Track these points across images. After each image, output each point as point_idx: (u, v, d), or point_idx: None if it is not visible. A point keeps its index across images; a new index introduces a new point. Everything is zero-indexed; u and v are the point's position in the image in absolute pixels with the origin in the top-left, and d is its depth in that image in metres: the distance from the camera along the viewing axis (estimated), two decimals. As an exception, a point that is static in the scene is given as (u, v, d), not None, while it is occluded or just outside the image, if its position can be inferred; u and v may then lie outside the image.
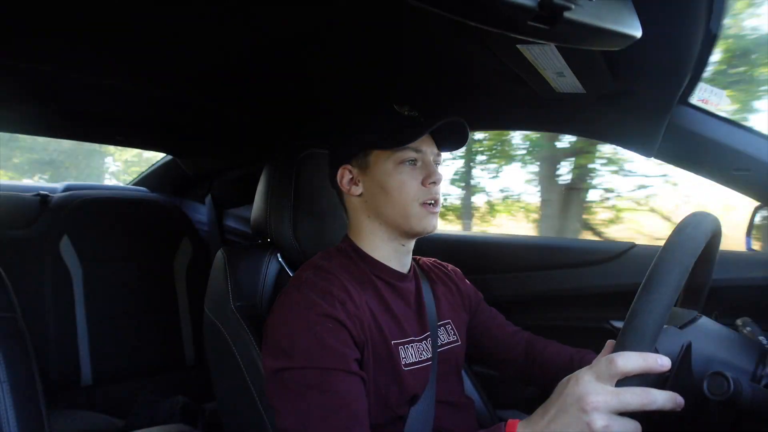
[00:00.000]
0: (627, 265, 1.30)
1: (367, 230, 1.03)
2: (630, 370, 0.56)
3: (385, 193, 0.99)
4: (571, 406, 0.59)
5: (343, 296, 0.90)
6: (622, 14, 0.65)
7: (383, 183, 0.99)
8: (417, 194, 0.99)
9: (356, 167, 1.02)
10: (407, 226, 1.00)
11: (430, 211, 1.00)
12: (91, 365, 1.88)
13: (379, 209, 1.01)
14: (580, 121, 1.23)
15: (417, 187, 0.99)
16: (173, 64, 1.13)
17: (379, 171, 0.99)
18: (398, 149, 0.98)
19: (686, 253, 0.60)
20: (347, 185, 1.04)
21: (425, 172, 0.99)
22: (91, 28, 0.93)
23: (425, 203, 0.99)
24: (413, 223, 0.99)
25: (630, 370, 0.56)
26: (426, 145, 1.00)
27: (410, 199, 0.98)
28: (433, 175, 0.99)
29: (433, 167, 1.01)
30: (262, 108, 1.44)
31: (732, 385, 0.56)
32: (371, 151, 1.00)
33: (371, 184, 1.01)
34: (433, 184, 0.99)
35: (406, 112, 1.01)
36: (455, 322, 1.13)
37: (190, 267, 2.15)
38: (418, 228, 1.00)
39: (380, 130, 1.00)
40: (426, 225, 1.00)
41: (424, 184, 0.99)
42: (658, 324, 0.56)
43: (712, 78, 0.94)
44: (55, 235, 1.87)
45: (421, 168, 1.00)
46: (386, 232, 1.02)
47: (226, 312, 1.09)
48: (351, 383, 0.84)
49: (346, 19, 0.89)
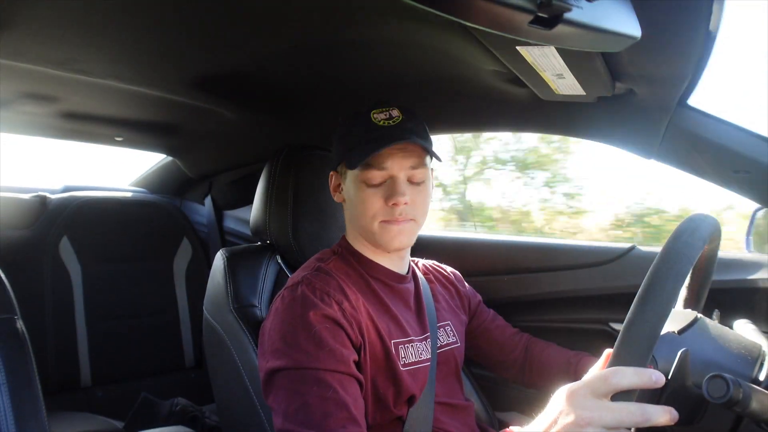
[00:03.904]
0: (627, 267, 1.30)
1: (353, 237, 1.04)
2: (624, 387, 0.56)
3: (353, 206, 0.98)
4: (565, 421, 0.59)
5: (340, 297, 0.90)
6: (621, 16, 0.65)
7: (351, 196, 0.98)
8: (378, 213, 0.94)
9: (339, 174, 1.02)
10: (374, 242, 0.99)
11: (393, 225, 0.94)
12: (91, 366, 1.88)
13: (353, 220, 1.01)
14: (579, 122, 1.23)
15: (379, 205, 0.94)
16: (173, 65, 1.13)
17: (348, 183, 0.98)
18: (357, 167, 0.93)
19: (682, 261, 0.60)
20: (333, 191, 1.04)
21: (389, 191, 0.93)
22: (91, 29, 0.93)
23: (385, 220, 0.94)
24: (377, 239, 0.97)
25: (624, 387, 0.56)
26: (393, 160, 0.93)
27: (369, 218, 0.95)
28: (394, 196, 0.92)
29: (399, 186, 0.92)
30: (262, 109, 1.44)
31: (731, 388, 0.56)
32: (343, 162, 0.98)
33: (346, 194, 1.00)
34: (395, 205, 0.93)
35: (382, 122, 0.93)
36: (454, 324, 1.13)
37: (189, 268, 2.15)
38: (383, 245, 0.98)
39: (347, 142, 0.96)
40: (389, 243, 0.96)
41: (387, 203, 0.93)
42: (654, 336, 0.56)
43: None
44: (54, 236, 1.87)
45: (387, 185, 0.94)
46: (366, 241, 1.02)
47: (226, 314, 1.08)
48: (348, 384, 0.84)
49: (344, 19, 0.89)
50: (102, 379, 1.89)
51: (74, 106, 1.44)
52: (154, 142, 1.91)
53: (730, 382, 0.56)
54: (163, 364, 2.05)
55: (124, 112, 1.54)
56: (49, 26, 0.91)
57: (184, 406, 1.59)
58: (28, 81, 1.21)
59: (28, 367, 0.82)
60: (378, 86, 1.21)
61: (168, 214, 2.16)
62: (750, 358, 0.66)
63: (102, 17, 0.88)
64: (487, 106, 1.27)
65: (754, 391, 0.57)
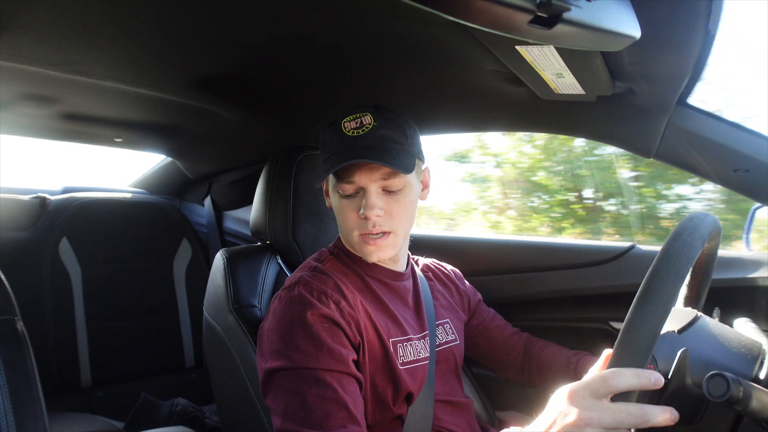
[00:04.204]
0: (626, 265, 1.30)
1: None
2: (624, 388, 0.57)
3: (336, 215, 1.00)
4: (565, 421, 0.59)
5: (337, 297, 0.90)
6: (621, 15, 0.65)
7: (332, 205, 1.00)
8: (353, 225, 0.94)
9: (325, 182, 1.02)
10: (354, 251, 1.00)
11: (368, 242, 0.94)
12: (91, 367, 1.87)
13: (339, 227, 1.02)
14: (579, 122, 1.23)
15: (355, 217, 0.93)
16: (173, 66, 1.13)
17: (330, 191, 1.00)
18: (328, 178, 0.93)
19: (682, 261, 0.60)
20: (326, 195, 1.04)
21: (360, 203, 0.92)
22: (91, 30, 0.93)
23: (363, 235, 0.94)
24: (357, 251, 0.98)
25: (624, 388, 0.57)
26: (361, 173, 0.90)
27: (347, 229, 0.96)
28: (364, 209, 0.90)
29: (368, 199, 0.90)
30: (261, 109, 1.44)
31: (731, 386, 0.56)
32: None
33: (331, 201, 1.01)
34: (366, 218, 0.91)
35: (352, 132, 0.91)
36: (454, 322, 1.13)
37: (189, 269, 2.15)
38: (364, 257, 0.98)
39: (323, 152, 0.96)
40: (368, 256, 0.96)
41: (360, 215, 0.92)
42: (653, 336, 0.56)
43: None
44: (54, 238, 1.87)
45: (360, 197, 0.92)
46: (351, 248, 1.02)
47: (225, 314, 1.08)
48: (347, 383, 0.84)
49: (344, 19, 0.89)
50: (102, 379, 1.89)
51: (74, 108, 1.44)
52: (154, 143, 1.91)
53: (730, 380, 0.56)
54: (163, 365, 2.04)
55: (123, 113, 1.53)
56: (48, 27, 0.91)
57: (185, 406, 1.59)
58: (27, 82, 1.21)
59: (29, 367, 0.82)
60: (378, 86, 1.21)
61: (168, 215, 2.16)
62: (750, 356, 0.66)
63: (102, 18, 0.88)
64: (487, 105, 1.27)
65: (755, 390, 0.57)
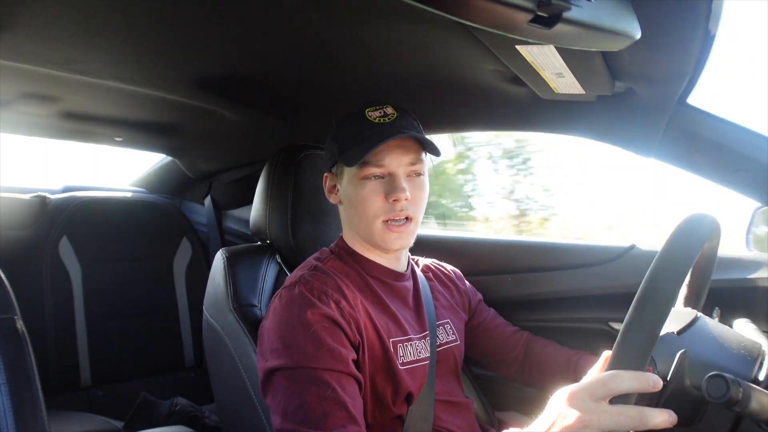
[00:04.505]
0: (627, 266, 1.30)
1: (350, 236, 1.04)
2: (622, 391, 0.57)
3: (352, 206, 0.98)
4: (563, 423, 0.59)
5: (338, 296, 0.90)
6: (621, 15, 0.65)
7: (350, 196, 0.97)
8: (379, 210, 0.94)
9: (334, 175, 1.02)
10: (373, 242, 0.99)
11: (392, 229, 0.95)
12: (91, 367, 1.88)
13: (351, 220, 1.00)
14: (579, 121, 1.23)
15: (380, 202, 0.94)
16: (173, 65, 1.13)
17: (346, 183, 0.98)
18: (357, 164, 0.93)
19: (681, 263, 0.60)
20: (328, 192, 1.04)
21: (389, 187, 0.94)
22: (91, 29, 0.93)
23: (387, 221, 0.95)
24: (377, 240, 0.97)
25: (622, 391, 0.57)
26: (392, 156, 0.93)
27: (372, 216, 0.95)
28: (395, 192, 0.92)
29: (399, 182, 0.93)
30: (262, 109, 1.44)
31: (730, 387, 0.56)
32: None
33: (343, 195, 1.00)
34: (396, 201, 0.93)
35: (378, 120, 0.94)
36: (454, 322, 1.13)
37: (189, 268, 2.15)
38: (383, 246, 0.98)
39: (343, 141, 0.96)
40: (389, 244, 0.96)
41: (387, 199, 0.93)
42: (652, 339, 0.56)
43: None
44: (54, 237, 1.87)
45: (387, 182, 0.94)
46: (364, 241, 1.01)
47: (225, 314, 1.08)
48: (347, 383, 0.84)
49: (344, 19, 0.89)
50: (102, 378, 1.89)
51: (74, 107, 1.44)
52: (154, 142, 1.91)
53: (729, 381, 0.56)
54: (163, 364, 2.05)
55: (124, 112, 1.53)
56: (49, 26, 0.91)
57: (184, 405, 1.59)
58: (28, 81, 1.21)
59: (28, 366, 0.82)
60: (378, 86, 1.21)
61: (168, 214, 2.16)
62: (750, 357, 0.66)
63: (102, 18, 0.88)
64: (487, 105, 1.27)
65: (754, 391, 0.57)
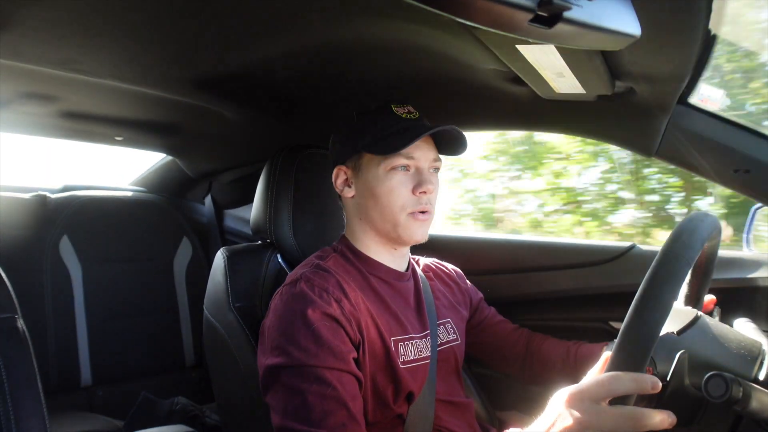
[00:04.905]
0: (626, 265, 1.30)
1: (360, 231, 1.03)
2: (622, 393, 0.57)
3: (374, 199, 0.98)
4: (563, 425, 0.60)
5: (339, 294, 0.90)
6: (621, 14, 0.65)
7: (373, 188, 0.98)
8: (406, 202, 0.96)
9: (350, 169, 1.02)
10: (395, 234, 0.99)
11: (418, 220, 0.97)
12: (91, 366, 1.87)
13: (369, 213, 1.00)
14: (579, 121, 1.23)
15: (407, 194, 0.96)
16: (173, 65, 1.13)
17: (370, 175, 0.98)
18: (389, 155, 0.95)
19: (681, 264, 0.60)
20: (341, 186, 1.04)
21: (416, 180, 0.97)
22: (91, 29, 0.93)
23: (413, 213, 0.97)
24: (400, 232, 0.98)
25: (622, 393, 0.57)
26: (421, 151, 0.97)
27: (398, 208, 0.96)
28: (424, 184, 0.96)
29: (426, 175, 0.98)
30: (262, 109, 1.44)
31: (730, 387, 0.56)
32: (364, 154, 0.99)
33: (363, 187, 1.00)
34: (424, 193, 0.97)
35: (405, 115, 0.99)
36: (455, 321, 1.13)
37: (189, 268, 2.15)
38: (405, 237, 0.98)
39: (374, 133, 0.98)
40: (413, 235, 0.98)
41: (414, 192, 0.96)
42: (652, 340, 0.56)
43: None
44: (54, 236, 1.87)
45: (414, 175, 0.97)
46: (377, 236, 1.02)
47: (226, 313, 1.08)
48: (347, 382, 0.84)
49: (344, 20, 0.89)
50: (102, 378, 1.89)
51: (74, 106, 1.44)
52: (155, 142, 1.91)
53: (729, 381, 0.56)
54: (164, 364, 2.04)
55: (124, 111, 1.53)
56: (49, 26, 0.91)
57: (185, 405, 1.59)
58: (28, 81, 1.21)
59: (29, 366, 0.82)
60: (378, 86, 1.21)
61: (168, 214, 2.16)
62: (750, 357, 0.66)
63: (102, 17, 0.88)
64: (487, 105, 1.27)
65: (754, 390, 0.57)
